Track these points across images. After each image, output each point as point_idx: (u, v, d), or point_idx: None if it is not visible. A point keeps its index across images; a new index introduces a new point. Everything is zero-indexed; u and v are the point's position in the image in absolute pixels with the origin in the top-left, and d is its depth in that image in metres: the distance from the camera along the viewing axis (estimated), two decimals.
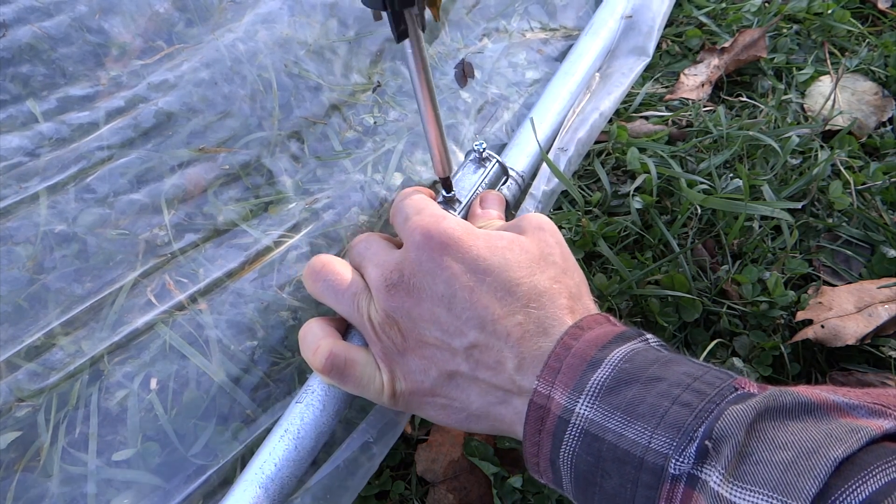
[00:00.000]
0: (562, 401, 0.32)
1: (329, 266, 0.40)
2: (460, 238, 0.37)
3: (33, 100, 0.44)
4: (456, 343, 0.36)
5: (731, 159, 0.63)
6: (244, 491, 0.36)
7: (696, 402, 0.28)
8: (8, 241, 0.40)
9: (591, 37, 0.64)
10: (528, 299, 0.36)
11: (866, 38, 0.76)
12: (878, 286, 0.52)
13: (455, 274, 0.36)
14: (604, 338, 0.33)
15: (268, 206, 0.47)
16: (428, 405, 0.38)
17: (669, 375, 0.30)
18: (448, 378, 0.37)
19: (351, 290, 0.39)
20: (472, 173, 0.49)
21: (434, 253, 0.37)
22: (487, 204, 0.47)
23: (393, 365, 0.38)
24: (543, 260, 0.38)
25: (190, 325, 0.41)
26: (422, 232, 0.38)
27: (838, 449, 0.24)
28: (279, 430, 0.38)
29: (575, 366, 0.32)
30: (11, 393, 0.37)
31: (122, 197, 0.43)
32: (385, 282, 0.38)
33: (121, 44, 0.48)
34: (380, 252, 0.40)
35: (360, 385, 0.38)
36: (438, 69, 0.57)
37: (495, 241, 0.38)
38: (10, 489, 0.36)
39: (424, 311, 0.37)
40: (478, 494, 0.47)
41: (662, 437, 0.28)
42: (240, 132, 0.48)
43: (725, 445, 0.26)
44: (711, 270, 0.56)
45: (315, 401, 0.39)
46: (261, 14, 0.52)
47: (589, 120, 0.58)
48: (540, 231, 0.39)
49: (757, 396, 0.28)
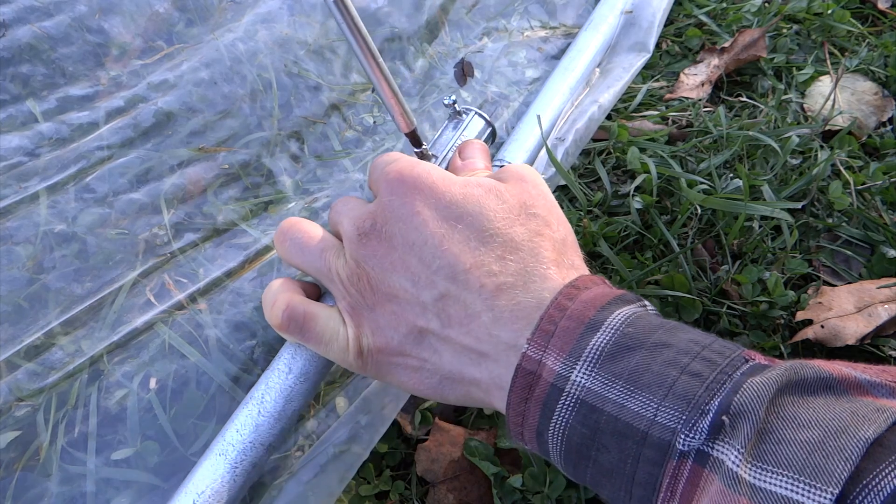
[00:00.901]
0: (555, 367, 0.29)
1: (297, 225, 0.39)
2: (434, 182, 0.35)
3: (33, 100, 0.44)
4: (425, 295, 0.34)
5: (731, 159, 0.63)
6: (206, 461, 0.35)
7: (706, 372, 0.26)
8: (8, 241, 0.40)
9: (591, 32, 0.64)
10: (504, 250, 0.33)
11: (866, 38, 0.76)
12: (878, 286, 0.52)
13: (426, 220, 0.34)
14: (602, 299, 0.30)
15: (267, 206, 0.47)
16: (398, 367, 0.36)
17: (676, 342, 0.28)
18: (418, 335, 0.35)
19: (319, 246, 0.38)
20: (449, 130, 0.46)
21: (406, 198, 0.35)
22: (468, 154, 0.43)
23: (360, 319, 0.36)
24: (524, 211, 0.35)
25: (189, 325, 0.41)
26: (395, 175, 0.36)
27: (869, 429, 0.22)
28: (245, 398, 0.37)
29: (571, 329, 0.29)
30: (11, 392, 0.37)
31: (122, 196, 0.43)
32: (357, 230, 0.36)
33: (121, 44, 0.48)
34: (355, 206, 0.38)
35: (323, 341, 0.36)
36: (438, 69, 0.57)
37: (471, 188, 0.35)
38: (9, 488, 0.36)
39: (396, 258, 0.35)
40: (478, 494, 0.47)
41: (670, 410, 0.26)
42: (239, 132, 0.48)
43: (744, 421, 0.24)
44: (711, 270, 0.56)
45: (281, 364, 0.38)
46: (260, 14, 0.52)
47: (587, 112, 0.57)
48: (521, 181, 0.37)
49: (776, 369, 0.26)
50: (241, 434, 0.36)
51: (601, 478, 0.28)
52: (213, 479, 0.35)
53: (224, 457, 0.35)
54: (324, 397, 0.42)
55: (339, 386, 0.43)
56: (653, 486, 0.26)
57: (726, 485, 0.24)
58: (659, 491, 0.26)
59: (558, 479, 0.45)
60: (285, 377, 0.37)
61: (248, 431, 0.36)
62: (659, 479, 0.26)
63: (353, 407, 0.42)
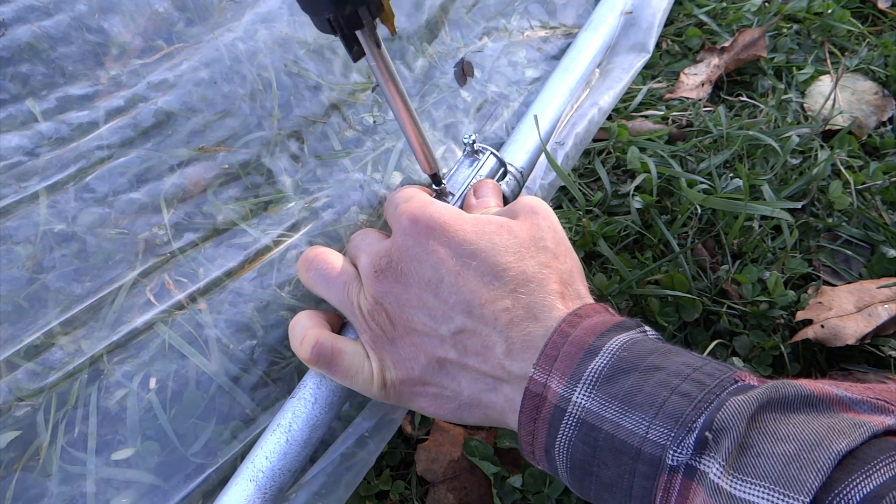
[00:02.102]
0: (558, 389, 0.31)
1: (322, 256, 0.41)
2: (446, 222, 0.37)
3: (33, 99, 0.44)
4: (443, 329, 0.36)
5: (731, 159, 0.63)
6: (236, 486, 0.37)
7: (695, 392, 0.28)
8: (8, 241, 0.40)
9: (591, 33, 0.64)
10: (517, 284, 0.35)
11: (866, 38, 0.76)
12: (878, 286, 0.52)
13: (441, 258, 0.36)
14: (602, 326, 0.33)
15: (267, 206, 0.47)
16: (419, 395, 0.38)
17: (668, 365, 0.30)
18: (437, 365, 0.36)
19: (342, 279, 0.39)
20: (465, 167, 0.48)
21: (420, 237, 0.37)
22: (482, 193, 0.46)
23: (382, 353, 0.38)
24: (534, 244, 0.37)
25: (189, 325, 0.41)
26: (409, 217, 0.38)
27: (842, 442, 0.24)
28: (272, 424, 0.39)
29: (572, 353, 0.32)
30: (11, 392, 0.37)
31: (122, 196, 0.43)
32: (374, 268, 0.38)
33: (120, 43, 0.48)
34: (373, 242, 0.40)
35: (349, 375, 0.38)
36: (438, 68, 0.57)
37: (483, 226, 0.37)
38: (9, 488, 0.36)
39: (412, 296, 0.36)
40: (478, 494, 0.47)
41: (660, 428, 0.28)
42: (239, 131, 0.48)
43: (726, 437, 0.26)
44: (711, 270, 0.56)
45: (307, 394, 0.39)
46: (260, 13, 0.52)
47: (587, 115, 0.57)
48: (533, 214, 0.39)
49: (758, 388, 0.27)
50: (270, 461, 0.37)
51: (603, 492, 0.30)
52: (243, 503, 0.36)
53: (255, 483, 0.37)
54: None
55: None
56: (648, 499, 0.28)
57: (709, 495, 0.25)
58: (654, 503, 0.28)
59: (558, 479, 0.45)
60: (311, 406, 0.39)
61: (277, 458, 0.37)
62: (653, 493, 0.28)
63: (361, 415, 0.43)
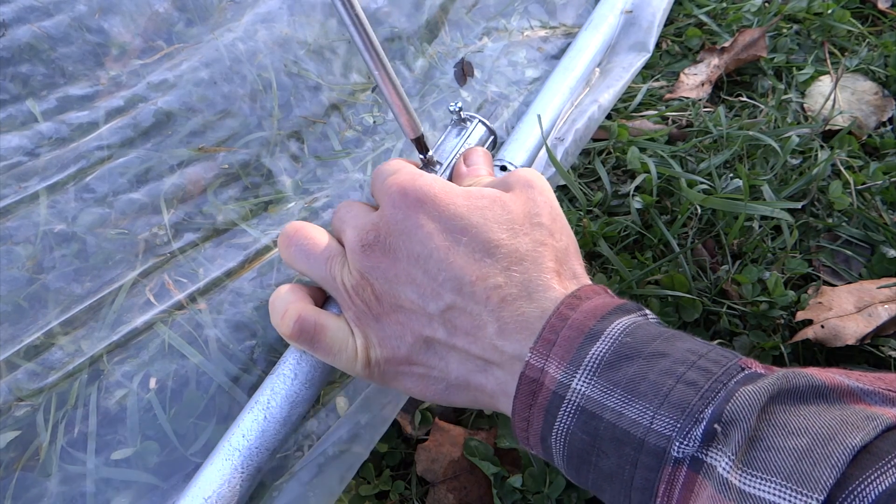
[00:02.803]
0: (557, 375, 0.30)
1: (303, 231, 0.39)
2: (436, 195, 0.35)
3: (33, 99, 0.44)
4: (431, 306, 0.34)
5: (731, 159, 0.63)
6: (212, 465, 0.35)
7: (701, 381, 0.27)
8: (7, 241, 0.40)
9: (591, 32, 0.64)
10: (510, 262, 0.33)
11: (866, 38, 0.76)
12: (878, 286, 0.52)
13: (430, 233, 0.34)
14: (602, 309, 0.31)
15: (267, 206, 0.47)
16: (405, 375, 0.36)
17: (673, 352, 0.28)
18: (424, 344, 0.35)
19: (325, 254, 0.38)
20: (453, 137, 0.46)
21: (409, 211, 0.35)
22: (472, 160, 0.43)
23: (367, 330, 0.36)
24: (528, 220, 0.35)
25: (189, 325, 0.41)
26: (398, 189, 0.36)
27: (856, 437, 0.23)
28: (250, 402, 0.37)
29: (572, 338, 0.30)
30: (10, 392, 0.37)
31: (122, 196, 0.43)
32: (360, 242, 0.36)
33: (120, 43, 0.48)
34: (359, 215, 0.38)
35: (332, 352, 0.36)
36: (438, 69, 0.57)
37: (475, 200, 0.35)
38: (9, 488, 0.36)
39: (400, 271, 0.35)
40: (478, 494, 0.47)
41: (665, 418, 0.26)
42: (239, 132, 0.48)
43: (736, 429, 0.25)
44: (711, 270, 0.56)
45: (286, 370, 0.38)
46: (260, 13, 0.52)
47: (587, 112, 0.57)
48: (528, 188, 0.37)
49: (768, 377, 0.26)
50: (248, 439, 0.36)
51: (602, 482, 0.29)
52: (219, 484, 0.35)
53: (230, 461, 0.35)
54: (324, 397, 0.42)
55: (340, 386, 0.43)
56: (650, 492, 0.27)
57: (717, 490, 0.24)
58: (656, 496, 0.27)
59: (558, 479, 0.45)
60: (291, 383, 0.37)
61: (254, 436, 0.36)
62: (656, 485, 0.27)
63: (354, 407, 0.42)
